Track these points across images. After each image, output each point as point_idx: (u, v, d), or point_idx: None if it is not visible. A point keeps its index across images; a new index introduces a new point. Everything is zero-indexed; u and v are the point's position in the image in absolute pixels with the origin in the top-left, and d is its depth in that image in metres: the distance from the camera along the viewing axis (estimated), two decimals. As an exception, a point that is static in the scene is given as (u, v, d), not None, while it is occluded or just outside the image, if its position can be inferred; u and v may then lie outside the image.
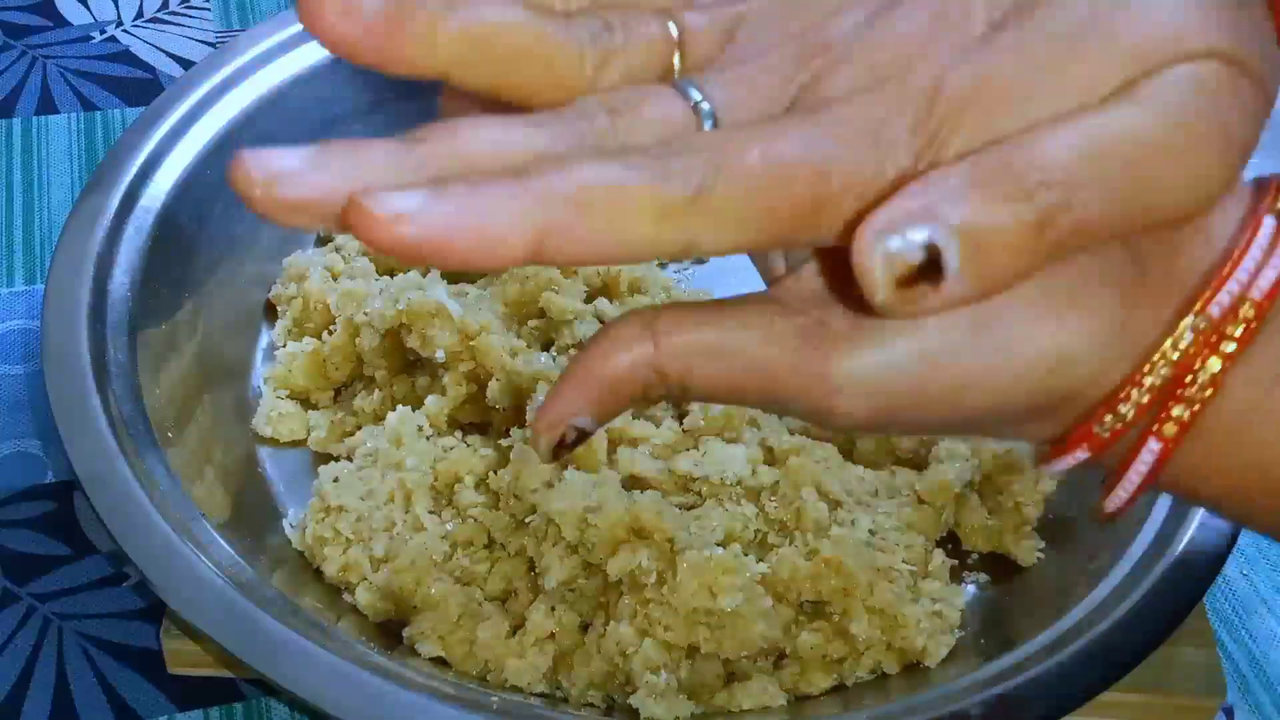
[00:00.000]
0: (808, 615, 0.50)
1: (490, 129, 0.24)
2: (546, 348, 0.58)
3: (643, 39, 0.27)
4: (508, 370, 0.55)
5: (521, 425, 0.54)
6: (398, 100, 0.67)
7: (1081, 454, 0.28)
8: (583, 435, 0.27)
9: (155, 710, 0.52)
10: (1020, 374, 0.26)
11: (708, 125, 0.26)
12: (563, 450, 0.27)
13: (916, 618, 0.49)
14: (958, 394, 0.26)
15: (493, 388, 0.55)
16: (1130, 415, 0.27)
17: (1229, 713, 0.55)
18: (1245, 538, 0.60)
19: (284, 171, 0.23)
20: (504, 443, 0.54)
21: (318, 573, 0.52)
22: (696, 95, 0.26)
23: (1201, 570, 0.49)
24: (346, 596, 0.52)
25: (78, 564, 0.57)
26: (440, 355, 0.55)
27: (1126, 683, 0.46)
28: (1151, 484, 0.28)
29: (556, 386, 0.27)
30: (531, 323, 0.59)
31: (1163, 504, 0.51)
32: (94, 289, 0.54)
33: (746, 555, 0.49)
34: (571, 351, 0.57)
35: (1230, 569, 0.59)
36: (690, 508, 0.51)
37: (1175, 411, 0.27)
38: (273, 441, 0.58)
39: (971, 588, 0.54)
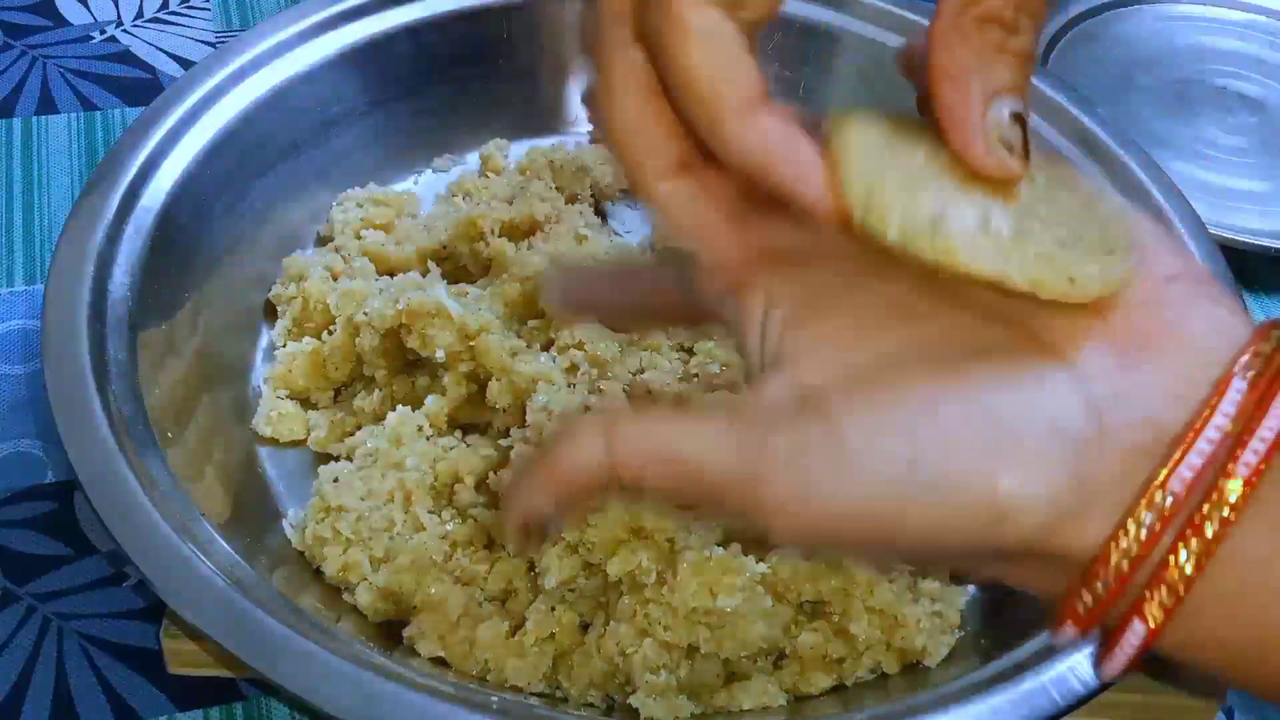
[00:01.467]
0: (808, 615, 0.50)
1: None
2: (546, 348, 0.58)
3: None
4: (508, 370, 0.55)
5: (521, 425, 0.54)
6: (397, 100, 0.67)
7: (1070, 629, 0.28)
8: (548, 526, 0.30)
9: (155, 710, 0.52)
10: (954, 517, 0.26)
11: None
12: (532, 541, 0.30)
13: (916, 618, 0.49)
14: (895, 527, 0.27)
15: (493, 388, 0.55)
16: (1105, 594, 0.27)
17: (1229, 713, 0.55)
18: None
19: None
20: (504, 443, 0.54)
21: (318, 573, 0.52)
22: None
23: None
24: (346, 596, 0.52)
25: (78, 564, 0.57)
26: (440, 355, 0.55)
27: (1126, 683, 0.46)
28: (1144, 657, 0.28)
29: (520, 480, 0.29)
30: (531, 323, 0.59)
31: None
32: (94, 289, 0.54)
33: (746, 555, 0.49)
34: (572, 351, 0.57)
35: (1230, 569, 0.59)
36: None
37: (1160, 596, 0.26)
38: (273, 441, 0.58)
39: (972, 588, 0.54)
